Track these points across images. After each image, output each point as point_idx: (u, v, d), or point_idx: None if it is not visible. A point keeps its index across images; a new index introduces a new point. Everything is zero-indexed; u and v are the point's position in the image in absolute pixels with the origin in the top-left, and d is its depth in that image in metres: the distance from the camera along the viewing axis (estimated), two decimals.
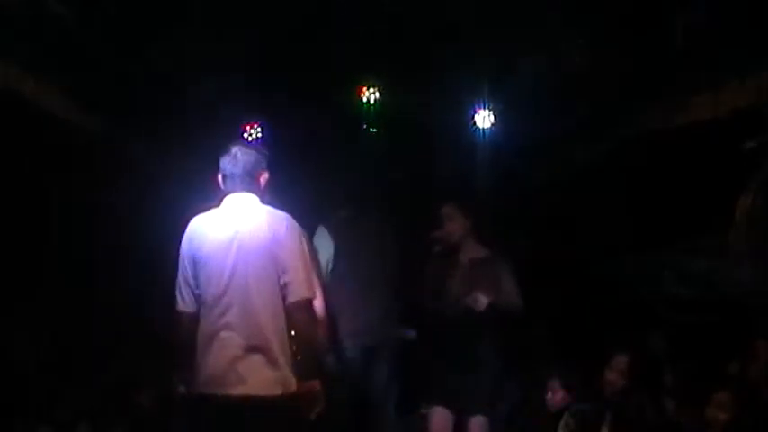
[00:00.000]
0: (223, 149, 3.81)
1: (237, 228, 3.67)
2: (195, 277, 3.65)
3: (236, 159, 3.76)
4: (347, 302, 5.02)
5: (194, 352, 3.63)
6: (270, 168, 3.85)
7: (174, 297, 3.69)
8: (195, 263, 3.65)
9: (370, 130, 6.82)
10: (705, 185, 5.12)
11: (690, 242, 5.73)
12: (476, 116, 6.36)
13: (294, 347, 3.68)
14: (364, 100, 6.54)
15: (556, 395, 5.43)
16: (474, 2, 5.31)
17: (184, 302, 3.66)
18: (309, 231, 5.74)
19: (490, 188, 6.65)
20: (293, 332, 3.68)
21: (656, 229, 5.95)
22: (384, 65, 6.19)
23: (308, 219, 5.70)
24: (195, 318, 3.65)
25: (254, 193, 3.77)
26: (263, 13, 5.40)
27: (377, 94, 6.52)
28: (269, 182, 3.84)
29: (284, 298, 3.64)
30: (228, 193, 3.76)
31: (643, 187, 5.89)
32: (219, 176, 3.80)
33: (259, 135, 6.69)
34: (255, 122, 6.71)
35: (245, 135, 6.67)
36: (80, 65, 4.95)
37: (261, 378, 3.57)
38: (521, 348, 5.91)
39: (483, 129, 6.39)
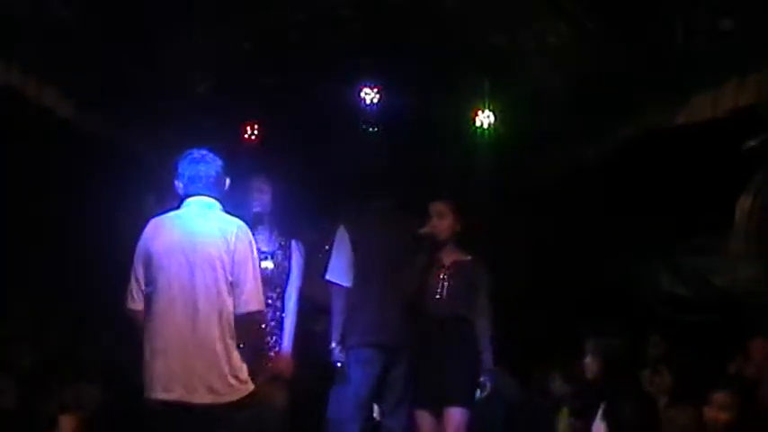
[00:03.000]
0: (183, 154, 3.82)
1: (191, 231, 3.68)
2: (145, 277, 3.66)
3: (203, 163, 3.78)
4: (367, 301, 4.96)
5: (142, 352, 3.63)
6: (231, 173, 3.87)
7: (125, 295, 3.71)
8: (147, 263, 3.66)
9: (371, 129, 6.83)
10: (705, 185, 5.13)
11: (689, 242, 5.73)
12: (476, 116, 6.37)
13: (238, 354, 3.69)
14: (365, 100, 6.55)
15: (561, 387, 5.48)
16: (475, 2, 5.32)
17: (134, 301, 3.68)
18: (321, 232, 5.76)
19: (490, 187, 6.66)
20: (241, 342, 3.69)
21: (655, 229, 5.95)
22: (384, 65, 6.20)
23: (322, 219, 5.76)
24: (143, 317, 3.66)
25: (215, 198, 3.78)
26: (264, 13, 5.41)
27: (377, 94, 6.53)
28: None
29: (234, 307, 3.65)
30: (191, 195, 3.77)
31: (643, 187, 5.89)
32: (177, 180, 3.80)
33: (256, 136, 6.72)
34: (255, 122, 6.73)
35: (246, 135, 6.70)
36: (81, 64, 4.95)
37: (201, 384, 3.57)
38: (520, 348, 5.93)
39: (483, 129, 6.40)
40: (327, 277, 5.12)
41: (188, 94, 6.00)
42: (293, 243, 4.97)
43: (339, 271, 5.07)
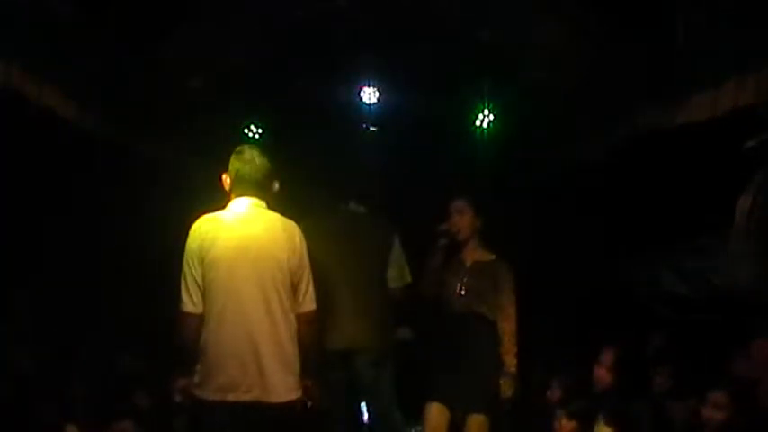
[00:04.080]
0: (236, 149, 3.76)
1: (252, 233, 3.65)
2: (205, 279, 3.59)
3: (253, 162, 3.72)
4: (328, 305, 4.78)
5: (202, 356, 3.60)
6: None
7: (179, 298, 3.63)
8: (205, 264, 3.58)
9: (370, 129, 6.84)
10: (705, 185, 5.12)
11: (690, 242, 5.73)
12: (476, 116, 6.38)
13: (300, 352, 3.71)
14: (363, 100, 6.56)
15: (555, 393, 5.46)
16: (475, 2, 5.32)
17: (193, 304, 3.60)
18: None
19: (490, 187, 6.66)
20: (299, 339, 3.70)
21: (655, 228, 5.95)
22: (384, 65, 6.20)
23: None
24: (201, 320, 3.60)
25: (263, 198, 3.74)
26: (264, 12, 5.41)
27: (376, 94, 6.54)
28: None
29: (296, 306, 3.68)
30: (237, 195, 3.73)
31: (643, 187, 5.89)
32: (228, 177, 3.75)
33: (258, 135, 6.73)
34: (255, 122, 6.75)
35: (245, 134, 6.71)
36: (81, 64, 4.96)
37: (272, 384, 3.58)
38: (521, 347, 5.92)
39: (483, 128, 6.41)
40: None
41: (188, 94, 6.00)
42: None
43: None
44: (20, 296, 5.73)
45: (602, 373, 4.90)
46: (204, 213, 3.76)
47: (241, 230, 3.66)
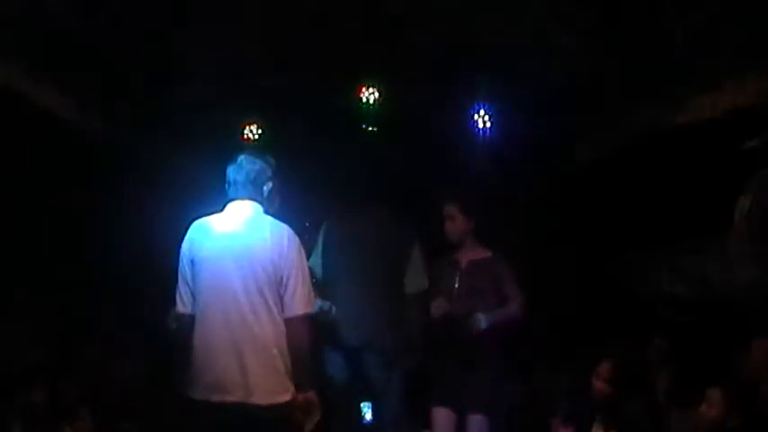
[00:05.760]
0: (232, 158, 3.85)
1: (239, 235, 3.70)
2: (194, 280, 3.67)
3: (240, 167, 3.81)
4: (343, 299, 4.93)
5: (191, 355, 3.63)
6: (276, 176, 3.87)
7: (173, 299, 3.70)
8: (194, 265, 3.67)
9: (370, 129, 6.84)
10: (705, 185, 5.12)
11: (690, 242, 5.73)
12: (476, 116, 6.38)
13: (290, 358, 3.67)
14: (363, 100, 6.56)
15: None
16: (474, 2, 5.32)
17: (183, 304, 3.69)
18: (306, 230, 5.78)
19: (489, 188, 6.66)
20: (289, 344, 3.66)
21: (656, 229, 5.95)
22: (384, 65, 6.20)
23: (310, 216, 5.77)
24: (193, 319, 3.66)
25: (256, 201, 3.79)
26: (263, 13, 5.42)
27: (376, 94, 6.53)
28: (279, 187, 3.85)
29: (283, 310, 3.65)
30: (232, 199, 3.79)
31: (643, 187, 5.89)
32: (226, 184, 3.83)
33: (257, 135, 6.73)
34: (254, 122, 6.75)
35: (244, 134, 6.71)
36: (80, 64, 4.96)
37: (255, 385, 3.57)
38: (521, 348, 5.92)
39: (483, 128, 6.40)
40: None
41: (188, 94, 6.01)
42: None
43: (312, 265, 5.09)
44: (18, 294, 5.73)
45: (600, 385, 4.91)
46: (202, 215, 3.82)
47: (228, 232, 3.71)
